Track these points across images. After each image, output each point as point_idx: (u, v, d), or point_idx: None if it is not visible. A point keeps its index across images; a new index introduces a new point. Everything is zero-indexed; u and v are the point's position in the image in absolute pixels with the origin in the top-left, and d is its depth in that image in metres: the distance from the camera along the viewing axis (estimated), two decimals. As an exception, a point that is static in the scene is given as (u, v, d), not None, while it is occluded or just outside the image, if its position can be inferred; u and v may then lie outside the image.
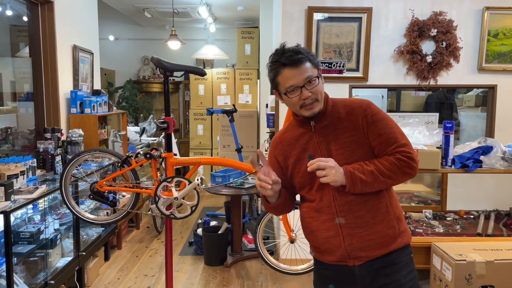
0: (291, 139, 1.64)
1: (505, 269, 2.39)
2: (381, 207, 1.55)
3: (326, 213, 1.56)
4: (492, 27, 3.60)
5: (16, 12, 4.10)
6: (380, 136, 1.53)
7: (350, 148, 1.54)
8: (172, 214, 2.11)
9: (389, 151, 1.52)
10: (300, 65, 1.50)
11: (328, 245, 1.58)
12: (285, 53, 1.52)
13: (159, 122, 2.09)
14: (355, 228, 1.53)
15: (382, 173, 1.49)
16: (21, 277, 2.66)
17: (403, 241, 1.58)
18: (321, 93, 1.56)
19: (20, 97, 3.90)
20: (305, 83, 1.50)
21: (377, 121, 1.54)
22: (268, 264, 3.17)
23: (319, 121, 1.59)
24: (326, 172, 1.46)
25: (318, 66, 1.56)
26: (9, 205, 2.43)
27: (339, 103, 1.61)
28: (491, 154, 2.71)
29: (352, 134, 1.55)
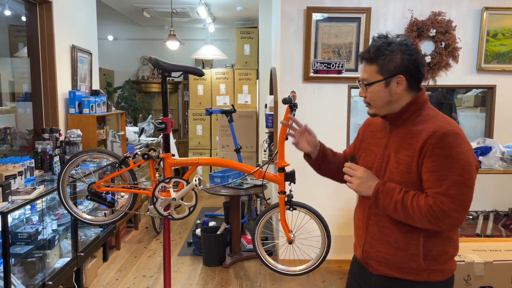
0: (375, 128, 1.61)
1: (503, 270, 2.38)
2: (410, 238, 1.43)
3: (361, 214, 1.60)
4: (491, 27, 3.60)
5: (14, 12, 4.09)
6: (430, 172, 1.35)
7: (402, 167, 1.43)
8: (170, 215, 2.10)
9: (430, 193, 1.35)
10: (367, 64, 1.47)
11: (356, 241, 1.65)
12: (368, 47, 1.50)
13: (157, 122, 2.08)
14: (377, 241, 1.51)
15: (405, 209, 1.38)
16: (19, 278, 2.65)
17: (429, 277, 1.44)
18: (376, 101, 1.47)
19: (18, 97, 3.89)
20: (360, 83, 1.51)
21: (438, 155, 1.34)
22: (266, 265, 3.15)
23: (394, 125, 1.50)
24: (351, 180, 1.48)
25: (391, 72, 1.42)
26: (7, 205, 2.43)
27: (425, 116, 1.45)
28: (490, 155, 2.71)
29: (409, 155, 1.41)
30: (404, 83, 1.43)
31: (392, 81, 1.43)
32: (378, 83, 1.44)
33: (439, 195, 1.33)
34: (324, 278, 3.58)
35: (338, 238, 3.62)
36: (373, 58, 1.43)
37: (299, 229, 2.31)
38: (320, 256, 2.03)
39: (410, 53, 1.42)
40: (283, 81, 3.68)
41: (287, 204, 2.54)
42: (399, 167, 1.43)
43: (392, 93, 1.44)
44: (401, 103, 1.46)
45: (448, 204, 1.32)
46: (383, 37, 1.47)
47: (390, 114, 1.48)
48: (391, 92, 1.44)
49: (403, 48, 1.42)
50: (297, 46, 3.61)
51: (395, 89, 1.44)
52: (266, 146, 4.19)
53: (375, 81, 1.44)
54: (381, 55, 1.42)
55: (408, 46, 1.43)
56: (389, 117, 1.49)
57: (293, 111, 1.85)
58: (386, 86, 1.44)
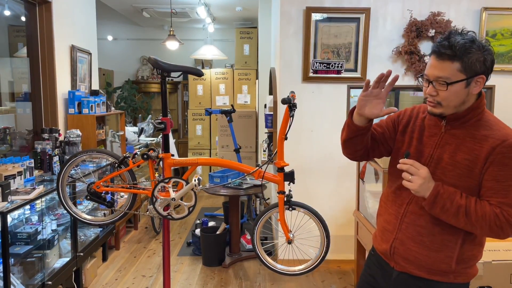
0: (422, 121, 1.52)
1: (502, 270, 2.38)
2: (448, 240, 1.43)
3: (395, 208, 1.54)
4: (490, 27, 3.60)
5: (14, 12, 4.09)
6: (495, 181, 1.34)
7: (459, 171, 1.39)
8: (169, 214, 2.10)
9: (493, 201, 1.35)
10: (445, 60, 1.33)
11: (382, 234, 1.59)
12: (443, 40, 1.35)
13: (156, 122, 2.08)
14: (409, 239, 1.48)
15: (468, 214, 1.34)
16: (18, 278, 2.65)
17: (455, 279, 1.45)
18: (452, 101, 1.37)
19: (18, 97, 3.90)
20: (434, 81, 1.37)
21: (505, 165, 1.33)
22: (265, 265, 3.16)
23: (451, 125, 1.43)
24: (412, 179, 1.37)
25: (475, 72, 1.34)
26: (6, 205, 2.43)
27: (487, 121, 1.41)
28: (489, 155, 2.71)
29: (470, 159, 1.37)
30: (483, 84, 1.37)
31: (473, 81, 1.36)
32: (460, 83, 1.34)
33: (505, 206, 1.33)
34: (324, 278, 3.59)
35: (337, 238, 3.63)
36: (458, 56, 1.32)
37: (298, 229, 2.31)
38: (320, 256, 2.03)
39: (490, 53, 1.36)
40: (283, 81, 3.68)
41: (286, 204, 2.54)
42: (456, 170, 1.39)
43: (469, 94, 1.37)
44: (467, 106, 1.40)
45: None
46: (463, 34, 1.36)
47: (452, 114, 1.41)
48: (469, 93, 1.37)
49: (485, 47, 1.36)
50: (296, 46, 3.61)
51: (472, 90, 1.37)
52: (265, 146, 4.20)
53: (458, 80, 1.34)
54: (468, 53, 1.32)
55: (487, 46, 1.37)
56: (448, 117, 1.42)
57: (292, 111, 1.86)
58: (466, 86, 1.35)
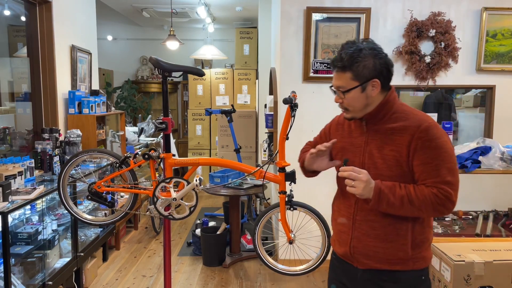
0: (349, 127, 1.64)
1: (503, 269, 2.38)
2: (399, 229, 1.50)
3: (345, 210, 1.60)
4: (490, 27, 3.60)
5: (13, 12, 4.09)
6: (424, 165, 1.43)
7: (389, 162, 1.48)
8: (170, 214, 2.10)
9: (429, 183, 1.43)
10: (339, 72, 1.49)
11: (339, 238, 1.64)
12: (338, 52, 1.51)
13: (157, 122, 2.08)
14: (364, 235, 1.53)
15: (411, 202, 1.42)
16: (19, 278, 2.65)
17: (414, 265, 1.52)
18: (354, 105, 1.50)
19: (18, 97, 3.89)
20: (337, 90, 1.53)
21: (428, 148, 1.43)
22: (266, 264, 3.16)
23: (371, 123, 1.54)
24: (355, 184, 1.43)
25: (366, 78, 1.46)
26: (7, 205, 2.42)
27: (402, 112, 1.51)
28: (489, 155, 2.72)
29: (396, 150, 1.47)
30: (379, 86, 1.49)
31: (368, 86, 1.48)
32: (355, 89, 1.48)
33: (440, 184, 1.42)
34: (324, 278, 3.59)
35: (337, 238, 3.62)
36: (347, 66, 1.46)
37: (299, 229, 2.31)
38: (320, 256, 2.03)
39: (380, 56, 1.48)
40: (283, 81, 3.68)
41: (287, 204, 2.54)
42: (387, 162, 1.48)
43: (369, 97, 1.49)
44: (376, 104, 1.52)
45: (449, 190, 1.42)
46: (352, 44, 1.49)
47: (366, 114, 1.53)
48: (367, 96, 1.49)
49: (373, 52, 1.47)
50: (296, 46, 3.61)
51: (370, 93, 1.49)
52: (266, 146, 4.19)
53: (352, 88, 1.48)
54: (355, 62, 1.45)
55: (377, 50, 1.48)
56: (365, 117, 1.54)
57: (294, 111, 1.86)
58: (362, 91, 1.48)
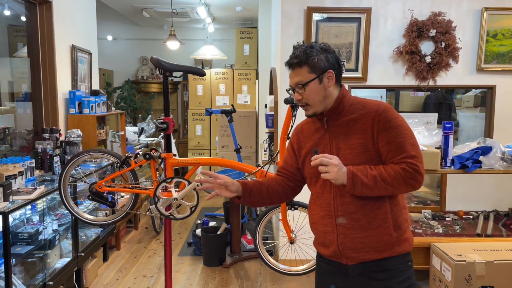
0: (308, 131, 1.69)
1: (504, 269, 2.39)
2: (379, 213, 1.55)
3: (325, 209, 1.61)
4: (491, 27, 3.60)
5: (14, 12, 4.09)
6: (389, 144, 1.52)
7: (357, 150, 1.55)
8: (171, 214, 2.10)
9: (396, 160, 1.51)
10: (296, 68, 1.57)
11: (324, 239, 1.64)
12: (291, 53, 1.59)
13: (159, 122, 2.08)
14: (349, 229, 1.56)
15: (384, 180, 1.48)
16: (20, 278, 2.64)
17: (400, 249, 1.58)
18: (314, 98, 1.57)
19: (18, 97, 3.89)
20: (295, 87, 1.58)
21: (389, 128, 1.52)
22: (267, 264, 3.17)
23: (331, 119, 1.61)
24: (328, 169, 1.47)
25: (322, 69, 1.56)
26: (8, 205, 2.42)
27: (358, 103, 1.61)
28: (490, 155, 2.72)
29: (361, 137, 1.55)
30: (333, 77, 1.58)
31: (324, 77, 1.57)
32: (314, 81, 1.56)
33: (406, 158, 1.50)
34: (325, 278, 3.58)
35: (338, 238, 3.62)
36: (303, 61, 1.55)
37: (300, 229, 2.31)
38: (322, 256, 2.02)
39: (330, 51, 1.59)
40: (283, 81, 3.68)
41: (288, 204, 2.54)
42: (354, 151, 1.55)
43: (326, 88, 1.58)
44: (333, 98, 1.60)
45: (416, 163, 1.50)
46: (302, 44, 1.60)
47: (327, 110, 1.60)
48: (325, 87, 1.58)
49: (323, 47, 1.59)
50: (297, 46, 3.61)
51: (327, 84, 1.58)
52: (266, 146, 4.19)
53: (310, 80, 1.55)
54: (310, 56, 1.55)
55: (327, 47, 1.60)
56: (326, 114, 1.61)
57: (295, 111, 1.86)
58: (320, 83, 1.56)
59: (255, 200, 1.71)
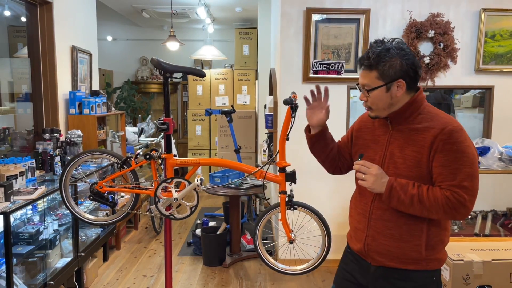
0: (372, 124, 1.66)
1: (502, 269, 2.40)
2: (414, 229, 1.51)
3: (362, 207, 1.63)
4: (489, 28, 3.62)
5: (14, 13, 4.10)
6: (443, 167, 1.44)
7: (409, 163, 1.49)
8: (171, 214, 2.12)
9: (444, 186, 1.44)
10: (366, 70, 1.52)
11: (355, 234, 1.67)
12: (367, 51, 1.54)
13: (159, 123, 2.09)
14: (380, 234, 1.56)
15: (422, 202, 1.44)
16: (21, 278, 2.66)
17: (427, 266, 1.54)
18: (378, 104, 1.53)
19: (18, 97, 3.90)
20: (362, 88, 1.55)
21: (449, 150, 1.42)
22: (267, 264, 3.17)
23: (395, 122, 1.56)
24: (365, 177, 1.49)
25: (392, 78, 1.48)
26: (9, 206, 2.44)
27: (428, 114, 1.52)
28: (488, 155, 2.73)
29: (418, 151, 1.48)
30: (404, 86, 1.50)
31: (393, 86, 1.49)
32: (380, 89, 1.50)
33: (455, 187, 1.42)
34: (324, 277, 3.60)
35: (338, 238, 3.63)
36: (373, 65, 1.48)
37: (299, 229, 2.32)
38: (321, 255, 2.04)
39: (408, 57, 1.49)
40: (283, 82, 3.69)
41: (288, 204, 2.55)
42: (407, 162, 1.49)
43: (393, 97, 1.51)
44: (401, 104, 1.52)
45: (464, 195, 1.41)
46: (381, 43, 1.52)
47: (391, 113, 1.54)
48: (392, 96, 1.51)
49: (401, 53, 1.49)
50: (296, 47, 3.63)
51: (395, 93, 1.50)
52: (265, 147, 4.21)
53: (376, 87, 1.50)
54: (381, 62, 1.47)
55: (405, 50, 1.50)
56: (390, 116, 1.55)
57: (294, 112, 1.87)
58: (387, 91, 1.50)
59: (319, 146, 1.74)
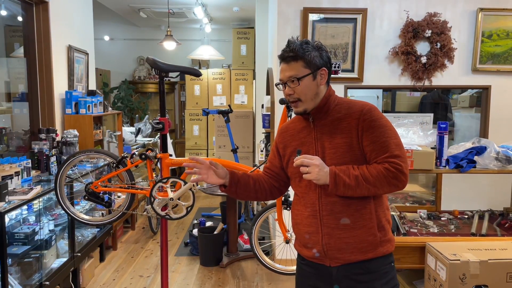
0: (294, 130, 1.69)
1: (498, 268, 2.40)
2: (364, 213, 1.55)
3: (310, 209, 1.60)
4: (486, 28, 3.62)
5: (10, 12, 4.08)
6: (373, 143, 1.52)
7: (341, 150, 1.55)
8: (167, 214, 2.11)
9: (380, 160, 1.51)
10: (291, 62, 1.56)
11: (308, 240, 1.63)
12: (285, 48, 1.59)
13: (154, 122, 2.08)
14: (334, 229, 1.56)
15: (366, 179, 1.48)
16: (16, 278, 2.65)
17: (383, 250, 1.59)
18: (307, 94, 1.56)
19: (14, 97, 3.89)
20: (288, 81, 1.56)
21: (373, 127, 1.52)
22: (263, 264, 3.18)
23: (318, 118, 1.61)
24: (309, 170, 1.47)
25: (317, 66, 1.56)
26: (4, 206, 2.42)
27: (344, 103, 1.61)
28: (485, 155, 2.73)
29: (346, 136, 1.55)
30: (326, 76, 1.59)
31: (318, 74, 1.57)
32: (308, 77, 1.55)
33: (390, 158, 1.50)
34: (321, 277, 3.60)
35: (334, 238, 3.63)
36: (299, 55, 1.54)
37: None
38: (317, 255, 2.03)
39: (324, 49, 1.61)
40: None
41: (284, 204, 2.55)
42: (339, 150, 1.55)
43: (318, 86, 1.58)
44: (321, 97, 1.60)
45: (400, 163, 1.50)
46: (296, 39, 1.61)
47: (314, 108, 1.59)
48: (317, 85, 1.58)
49: (318, 45, 1.60)
50: (293, 47, 3.62)
51: (319, 82, 1.58)
52: (263, 146, 4.20)
53: (305, 75, 1.55)
54: (306, 51, 1.55)
55: (321, 45, 1.61)
56: (312, 112, 1.60)
57: (290, 111, 1.88)
58: (314, 79, 1.56)
59: (241, 191, 1.70)
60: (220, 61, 7.35)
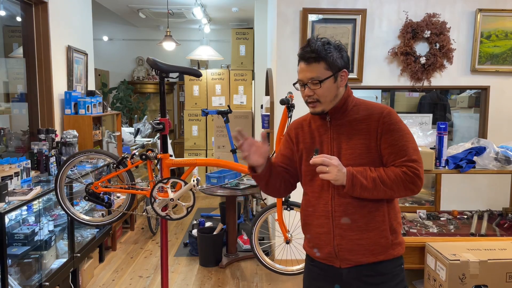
0: (308, 127, 1.66)
1: (498, 268, 2.41)
2: (377, 215, 1.55)
3: (322, 210, 1.58)
4: (484, 28, 3.63)
5: (9, 13, 4.07)
6: (391, 146, 1.52)
7: (359, 151, 1.54)
8: (167, 215, 2.11)
9: (397, 163, 1.51)
10: (312, 63, 1.52)
11: (319, 241, 1.61)
12: (305, 47, 1.55)
13: (155, 123, 2.08)
14: (347, 230, 1.55)
15: (384, 182, 1.48)
16: (16, 279, 2.64)
17: (394, 252, 1.58)
18: (327, 96, 1.54)
19: (13, 98, 3.88)
20: (308, 82, 1.54)
21: (393, 130, 1.52)
22: (263, 264, 3.18)
23: (335, 118, 1.59)
24: (329, 170, 1.45)
25: (338, 68, 1.54)
26: (4, 206, 2.42)
27: (361, 104, 1.60)
28: (484, 155, 2.74)
29: (364, 138, 1.54)
30: (346, 77, 1.58)
31: (339, 76, 1.55)
32: (330, 79, 1.53)
33: (408, 162, 1.50)
34: (320, 277, 3.60)
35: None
36: (322, 56, 1.51)
37: (296, 229, 2.32)
38: (317, 255, 2.03)
39: (344, 50, 1.58)
40: (279, 82, 3.69)
41: (284, 204, 2.55)
42: (356, 151, 1.54)
43: (338, 87, 1.56)
44: (340, 97, 1.58)
45: (417, 167, 1.50)
46: (316, 39, 1.56)
47: (331, 109, 1.58)
48: (338, 86, 1.56)
49: (338, 46, 1.57)
50: (293, 47, 3.63)
51: (340, 84, 1.56)
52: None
53: (327, 77, 1.52)
54: (328, 53, 1.52)
55: (341, 45, 1.58)
56: (330, 112, 1.58)
57: (291, 112, 1.88)
58: (335, 81, 1.54)
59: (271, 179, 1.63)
60: (219, 61, 7.35)
